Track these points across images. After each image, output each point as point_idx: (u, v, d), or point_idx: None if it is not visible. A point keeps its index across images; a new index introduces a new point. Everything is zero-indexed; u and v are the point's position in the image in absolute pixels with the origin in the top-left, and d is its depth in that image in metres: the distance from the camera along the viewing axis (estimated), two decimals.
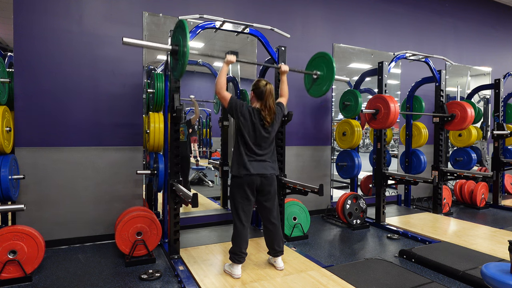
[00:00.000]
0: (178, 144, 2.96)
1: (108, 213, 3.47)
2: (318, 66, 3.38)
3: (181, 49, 2.48)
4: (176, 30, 2.62)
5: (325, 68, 3.30)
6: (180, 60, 2.51)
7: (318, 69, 3.36)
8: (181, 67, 2.49)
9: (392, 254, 3.22)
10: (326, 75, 3.29)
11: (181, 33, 2.48)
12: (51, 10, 3.26)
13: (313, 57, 3.47)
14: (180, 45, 2.50)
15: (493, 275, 1.90)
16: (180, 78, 2.68)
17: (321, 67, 3.34)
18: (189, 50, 2.39)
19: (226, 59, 2.60)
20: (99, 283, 2.55)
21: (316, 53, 3.45)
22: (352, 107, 4.49)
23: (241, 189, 2.53)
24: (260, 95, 2.58)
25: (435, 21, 5.82)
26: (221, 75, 2.56)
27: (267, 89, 2.56)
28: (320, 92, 3.39)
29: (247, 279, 2.50)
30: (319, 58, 3.39)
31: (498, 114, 5.15)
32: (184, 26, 2.42)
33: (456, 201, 5.39)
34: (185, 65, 2.44)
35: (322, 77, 3.33)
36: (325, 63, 3.31)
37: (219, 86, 2.55)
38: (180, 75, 2.58)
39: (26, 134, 3.17)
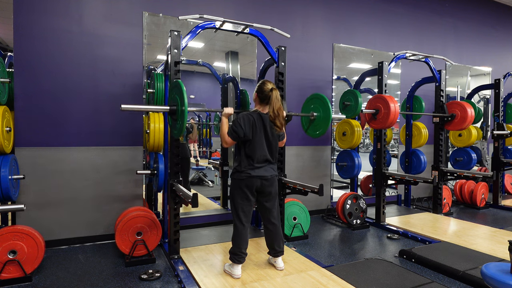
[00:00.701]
0: (178, 144, 2.96)
1: (108, 213, 3.47)
2: (315, 107, 3.43)
3: (179, 109, 2.51)
4: (173, 90, 2.65)
5: (321, 109, 3.36)
6: (179, 120, 2.53)
7: (314, 110, 3.42)
8: (180, 126, 2.51)
9: (392, 254, 3.22)
10: (323, 116, 3.34)
11: (178, 93, 2.51)
12: (51, 10, 3.26)
13: (309, 97, 3.52)
14: (178, 104, 2.52)
15: (493, 275, 1.91)
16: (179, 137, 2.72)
17: (317, 109, 3.40)
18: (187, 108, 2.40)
19: (224, 112, 2.64)
20: (99, 283, 2.55)
21: (312, 94, 3.50)
22: (352, 107, 4.49)
23: (241, 189, 2.53)
24: (264, 100, 2.57)
25: (435, 21, 5.83)
26: (222, 128, 2.57)
27: (273, 94, 2.53)
28: (315, 134, 3.45)
29: (247, 279, 2.50)
30: (315, 99, 3.44)
31: (498, 114, 5.14)
32: (181, 86, 2.45)
33: (456, 201, 5.39)
34: (184, 124, 2.46)
35: (319, 118, 3.38)
36: (320, 104, 3.37)
37: (223, 139, 2.56)
38: (179, 134, 2.61)
39: (26, 134, 3.17)
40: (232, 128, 2.52)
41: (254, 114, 2.56)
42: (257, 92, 2.60)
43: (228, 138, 2.53)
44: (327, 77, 4.79)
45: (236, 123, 2.51)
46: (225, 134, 2.54)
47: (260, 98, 2.59)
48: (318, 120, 3.39)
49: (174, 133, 2.71)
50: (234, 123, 2.52)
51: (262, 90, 2.57)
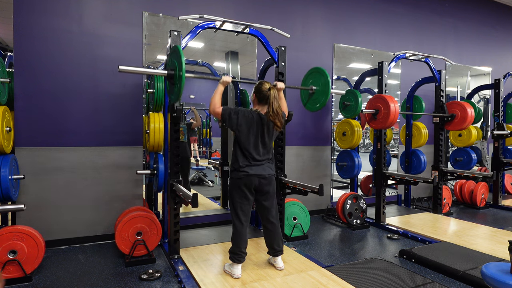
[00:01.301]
0: (178, 144, 2.96)
1: (108, 213, 3.47)
2: (314, 81, 3.42)
3: (177, 73, 2.52)
4: (171, 54, 2.65)
5: (320, 83, 3.34)
6: (176, 84, 2.54)
7: (314, 84, 3.39)
8: (177, 91, 2.52)
9: (392, 254, 3.22)
10: (322, 89, 3.32)
11: (176, 58, 2.51)
12: (51, 10, 3.26)
13: (309, 72, 3.50)
14: (176, 69, 2.53)
15: (493, 275, 1.91)
16: (177, 101, 2.70)
17: (317, 82, 3.38)
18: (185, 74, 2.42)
19: (222, 79, 2.63)
20: (99, 283, 2.55)
21: (312, 68, 3.48)
22: (352, 107, 4.49)
23: (239, 189, 2.54)
24: (263, 100, 2.57)
25: (435, 21, 5.82)
26: (215, 95, 2.56)
27: (271, 94, 2.53)
28: (315, 107, 3.44)
29: (247, 279, 2.50)
30: (315, 73, 3.43)
31: (498, 114, 5.14)
32: (179, 50, 2.46)
33: (456, 201, 5.39)
34: (181, 89, 2.46)
35: (318, 92, 3.36)
36: (320, 78, 3.35)
37: (212, 105, 2.54)
38: (177, 99, 2.61)
39: (26, 134, 3.17)
40: (231, 109, 2.52)
41: (254, 113, 2.57)
42: (255, 93, 2.61)
43: (219, 109, 2.52)
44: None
45: (237, 111, 2.53)
46: (217, 103, 2.53)
47: (258, 98, 2.59)
48: (317, 94, 3.36)
49: (172, 98, 2.70)
50: (236, 110, 2.53)
51: (260, 90, 2.57)
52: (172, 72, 2.58)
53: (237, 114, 2.52)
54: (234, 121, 2.51)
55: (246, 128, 2.52)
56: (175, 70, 2.54)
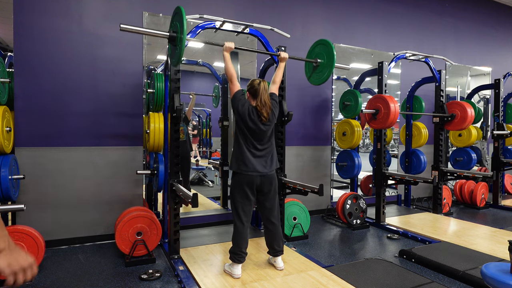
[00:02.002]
0: (178, 144, 2.96)
1: (108, 213, 3.47)
2: (319, 53, 3.35)
3: (178, 36, 2.50)
4: (174, 16, 2.61)
5: (325, 55, 3.27)
6: (177, 46, 2.52)
7: (319, 57, 3.34)
8: (178, 53, 2.50)
9: (392, 254, 3.22)
10: (327, 62, 3.25)
11: (179, 20, 2.48)
12: (51, 10, 3.26)
13: (314, 44, 3.42)
14: (178, 31, 2.51)
15: (493, 275, 1.90)
16: (178, 65, 2.68)
17: (322, 55, 3.31)
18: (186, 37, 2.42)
19: (225, 46, 2.68)
20: (99, 283, 2.55)
21: (317, 40, 3.40)
22: (352, 107, 4.49)
23: (241, 188, 2.54)
24: (255, 93, 2.60)
25: (435, 21, 5.82)
26: (227, 63, 2.63)
27: (261, 86, 2.58)
28: (320, 79, 3.35)
29: (247, 279, 2.50)
30: (320, 46, 3.34)
31: (498, 114, 5.14)
32: (182, 12, 2.42)
33: (456, 201, 5.39)
34: (182, 51, 2.45)
35: (323, 65, 3.29)
36: (325, 50, 3.27)
37: (229, 73, 2.61)
38: (177, 62, 2.59)
39: (26, 134, 3.17)
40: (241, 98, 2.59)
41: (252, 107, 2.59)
42: (248, 90, 2.65)
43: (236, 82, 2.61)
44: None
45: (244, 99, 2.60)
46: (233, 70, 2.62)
47: (252, 94, 2.62)
48: (321, 66, 3.31)
49: (173, 61, 2.68)
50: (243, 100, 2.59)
51: (252, 85, 2.62)
52: (175, 34, 2.55)
53: (244, 102, 2.59)
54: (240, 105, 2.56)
55: (248, 118, 2.54)
56: (177, 32, 2.52)
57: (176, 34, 2.53)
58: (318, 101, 4.74)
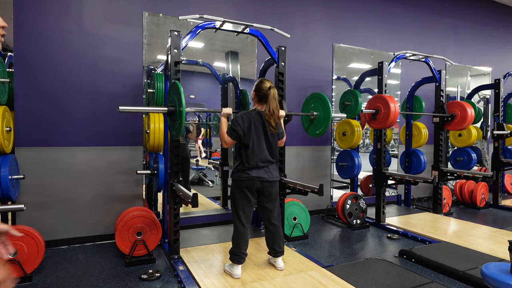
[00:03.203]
0: (178, 144, 2.96)
1: (108, 213, 3.47)
2: (315, 106, 3.47)
3: (177, 109, 2.53)
4: (170, 91, 2.66)
5: (321, 108, 3.38)
6: (177, 120, 2.55)
7: (315, 109, 3.44)
8: (178, 127, 2.54)
9: (392, 254, 3.22)
10: (323, 116, 3.37)
11: (176, 94, 2.52)
12: (51, 10, 3.26)
13: (309, 96, 3.56)
14: (176, 105, 2.54)
15: (493, 275, 1.90)
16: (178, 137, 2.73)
17: (318, 108, 3.43)
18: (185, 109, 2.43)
19: (223, 112, 2.65)
20: (99, 283, 2.55)
21: (312, 93, 3.54)
22: (352, 107, 4.49)
23: (241, 190, 2.53)
24: (262, 99, 2.56)
25: (435, 21, 5.82)
26: (221, 128, 2.56)
27: (271, 93, 2.52)
28: (315, 133, 3.48)
29: (247, 279, 2.50)
30: (315, 99, 3.47)
31: (498, 114, 5.14)
32: (178, 87, 2.46)
33: (456, 201, 5.39)
34: (182, 125, 2.48)
35: (319, 118, 3.41)
36: (320, 103, 3.40)
37: (222, 140, 2.56)
38: (178, 135, 2.63)
39: (26, 134, 3.17)
40: (231, 127, 2.52)
41: (252, 113, 2.56)
42: (255, 91, 2.61)
43: (228, 138, 2.53)
44: (327, 77, 4.79)
45: (235, 122, 2.51)
46: (224, 134, 2.53)
47: (258, 96, 2.59)
48: (318, 119, 3.41)
49: (173, 134, 2.72)
50: (233, 122, 2.52)
51: (260, 89, 2.56)
52: (172, 108, 2.58)
53: (237, 123, 2.51)
54: (239, 131, 2.50)
55: (247, 128, 2.52)
56: (175, 106, 2.54)
57: (174, 107, 2.56)
58: None
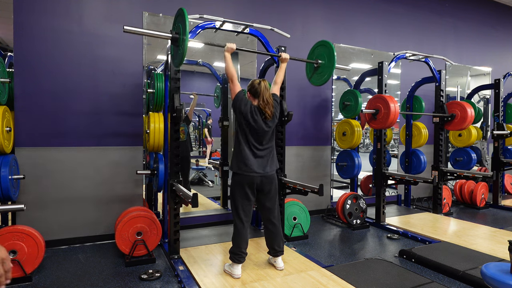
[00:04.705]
0: (178, 144, 2.96)
1: (108, 213, 3.47)
2: (320, 54, 3.36)
3: (181, 37, 2.51)
4: (176, 18, 2.62)
5: (326, 56, 3.28)
6: (180, 47, 2.53)
7: (319, 58, 3.35)
8: (181, 55, 2.51)
9: (392, 254, 3.22)
10: (327, 63, 3.27)
11: (181, 21, 2.50)
12: (51, 10, 3.26)
13: (315, 45, 3.44)
14: (180, 32, 2.52)
15: (493, 275, 1.90)
16: (180, 66, 2.68)
17: (322, 56, 3.32)
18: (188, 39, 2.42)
19: (227, 46, 2.67)
20: (99, 283, 2.55)
21: (318, 41, 3.41)
22: (352, 107, 4.49)
23: (241, 188, 2.54)
24: (256, 93, 2.60)
25: (435, 21, 5.82)
26: (228, 64, 2.61)
27: (262, 86, 2.58)
28: (321, 80, 3.36)
29: (247, 279, 2.50)
30: (321, 47, 3.36)
31: (498, 114, 5.14)
32: (184, 14, 2.44)
33: (456, 201, 5.39)
34: (184, 53, 2.46)
35: (323, 66, 3.30)
36: (326, 51, 3.29)
37: (230, 74, 2.59)
38: (180, 63, 2.59)
39: (26, 134, 3.17)
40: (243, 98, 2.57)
41: (253, 106, 2.59)
42: (249, 90, 2.66)
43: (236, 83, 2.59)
44: None
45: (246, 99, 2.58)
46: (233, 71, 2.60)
47: (252, 94, 2.62)
48: (322, 67, 3.32)
49: (175, 62, 2.69)
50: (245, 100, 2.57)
51: (252, 85, 2.62)
52: (177, 35, 2.56)
53: (247, 102, 2.58)
54: (243, 105, 2.55)
55: (249, 118, 2.53)
56: (180, 33, 2.53)
57: (179, 35, 2.55)
58: (318, 101, 4.74)
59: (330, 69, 3.22)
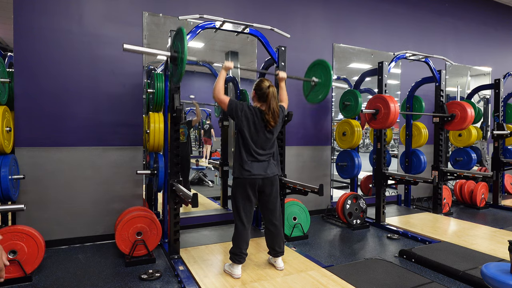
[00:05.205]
0: (178, 144, 2.96)
1: (108, 213, 3.47)
2: (316, 73, 3.42)
3: (179, 56, 2.53)
4: (175, 37, 2.67)
5: (323, 75, 3.34)
6: (179, 66, 2.56)
7: (316, 76, 3.40)
8: (179, 73, 2.55)
9: (392, 254, 3.22)
10: (324, 82, 3.32)
11: (180, 40, 2.53)
12: (51, 10, 3.26)
13: (312, 64, 3.50)
14: (179, 51, 2.54)
15: (493, 275, 1.90)
16: (179, 83, 2.72)
17: (319, 74, 3.38)
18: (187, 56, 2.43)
19: (224, 65, 2.62)
20: (99, 283, 2.55)
21: (315, 60, 3.47)
22: (352, 107, 4.49)
23: (242, 189, 2.53)
24: (262, 97, 2.57)
25: (435, 21, 5.82)
26: (219, 80, 2.55)
27: (270, 92, 2.53)
28: (316, 99, 3.44)
29: (247, 279, 2.50)
30: (317, 66, 3.43)
31: (498, 114, 5.14)
32: (183, 33, 2.47)
33: (456, 201, 5.39)
34: (183, 71, 2.49)
35: (320, 84, 3.36)
36: (323, 70, 3.35)
37: (216, 90, 2.53)
38: (178, 81, 2.65)
39: (26, 134, 3.17)
40: (237, 104, 2.51)
41: (255, 109, 2.57)
42: (255, 90, 2.62)
43: (224, 98, 2.52)
44: None
45: (242, 105, 2.52)
46: (220, 89, 2.52)
47: (258, 95, 2.60)
48: (319, 86, 3.36)
49: (173, 80, 2.72)
50: (240, 105, 2.52)
51: (260, 87, 2.57)
52: (176, 54, 2.58)
53: (242, 106, 2.53)
54: (239, 109, 2.51)
55: (249, 123, 2.52)
56: (178, 52, 2.55)
57: (177, 54, 2.57)
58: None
59: (326, 88, 3.28)
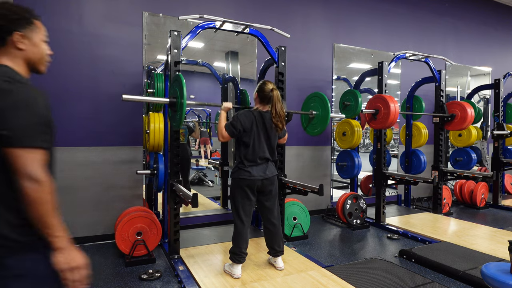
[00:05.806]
0: (178, 144, 2.96)
1: (108, 213, 3.47)
2: (315, 105, 3.50)
3: (178, 101, 2.57)
4: (173, 83, 2.71)
5: (320, 108, 3.41)
6: (178, 111, 2.59)
7: (314, 109, 3.47)
8: (179, 118, 2.58)
9: (392, 254, 3.22)
10: (322, 115, 3.40)
11: (178, 86, 2.56)
12: (51, 10, 3.26)
13: (309, 96, 3.59)
14: (178, 97, 2.57)
15: (493, 275, 1.90)
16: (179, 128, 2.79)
17: (317, 107, 3.46)
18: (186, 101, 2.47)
19: (224, 106, 2.69)
20: (99, 283, 2.55)
21: (312, 92, 3.56)
22: (352, 107, 4.48)
23: (242, 189, 2.53)
24: (265, 99, 2.57)
25: (435, 21, 5.82)
26: (220, 122, 2.58)
27: (274, 95, 2.53)
28: (313, 132, 3.52)
29: (247, 279, 2.50)
30: (315, 98, 3.50)
31: (498, 114, 5.14)
32: (181, 80, 2.50)
33: (456, 201, 5.39)
34: (183, 116, 2.53)
35: (318, 117, 3.43)
36: (320, 103, 3.43)
37: (219, 132, 2.57)
38: (178, 126, 2.69)
39: None
40: (231, 123, 2.53)
41: (255, 112, 2.57)
42: (257, 92, 2.61)
43: (225, 132, 2.54)
44: (327, 77, 4.79)
45: (236, 118, 2.53)
46: (222, 128, 2.55)
47: (260, 97, 2.60)
48: (317, 118, 3.42)
49: (173, 124, 2.75)
50: (234, 118, 2.54)
51: (262, 90, 2.57)
52: (174, 100, 2.61)
53: (237, 120, 2.52)
54: (238, 127, 2.51)
55: (249, 127, 2.52)
56: (177, 97, 2.58)
57: (176, 99, 2.60)
58: None
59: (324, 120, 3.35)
